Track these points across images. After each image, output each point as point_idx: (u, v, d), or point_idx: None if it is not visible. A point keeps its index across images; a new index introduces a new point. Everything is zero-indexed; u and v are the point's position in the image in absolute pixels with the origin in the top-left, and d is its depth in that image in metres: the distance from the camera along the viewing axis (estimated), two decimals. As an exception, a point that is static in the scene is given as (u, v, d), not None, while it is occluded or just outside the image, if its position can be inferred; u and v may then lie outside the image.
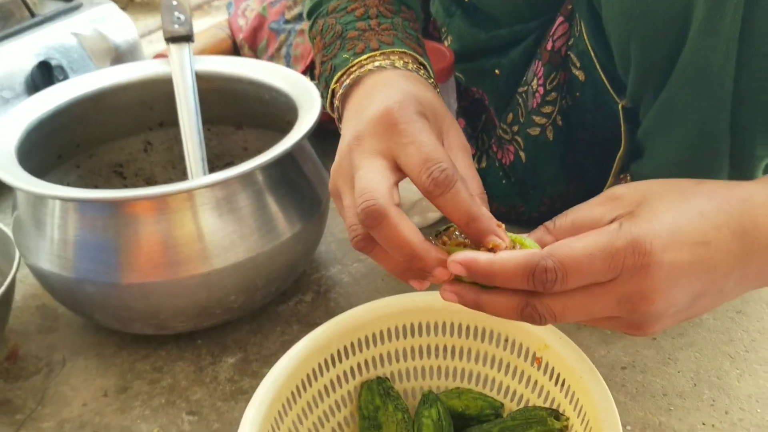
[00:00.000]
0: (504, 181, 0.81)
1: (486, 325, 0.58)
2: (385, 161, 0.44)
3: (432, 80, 0.54)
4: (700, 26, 0.52)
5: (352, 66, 0.53)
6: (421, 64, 0.54)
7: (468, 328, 0.58)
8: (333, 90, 0.54)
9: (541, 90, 0.72)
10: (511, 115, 0.77)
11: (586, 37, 0.65)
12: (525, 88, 0.74)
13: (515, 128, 0.77)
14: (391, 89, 0.48)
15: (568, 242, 0.39)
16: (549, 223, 0.44)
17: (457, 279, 0.43)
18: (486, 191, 0.84)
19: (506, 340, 0.58)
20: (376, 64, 0.52)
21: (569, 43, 0.69)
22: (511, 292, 0.40)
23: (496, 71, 0.76)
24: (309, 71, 0.91)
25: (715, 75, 0.53)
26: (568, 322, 0.41)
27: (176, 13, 0.75)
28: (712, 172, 0.60)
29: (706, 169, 0.60)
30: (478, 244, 0.42)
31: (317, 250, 0.79)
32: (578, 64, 0.68)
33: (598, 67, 0.66)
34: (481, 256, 0.40)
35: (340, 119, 0.54)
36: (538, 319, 0.40)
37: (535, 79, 0.72)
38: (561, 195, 0.78)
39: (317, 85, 0.61)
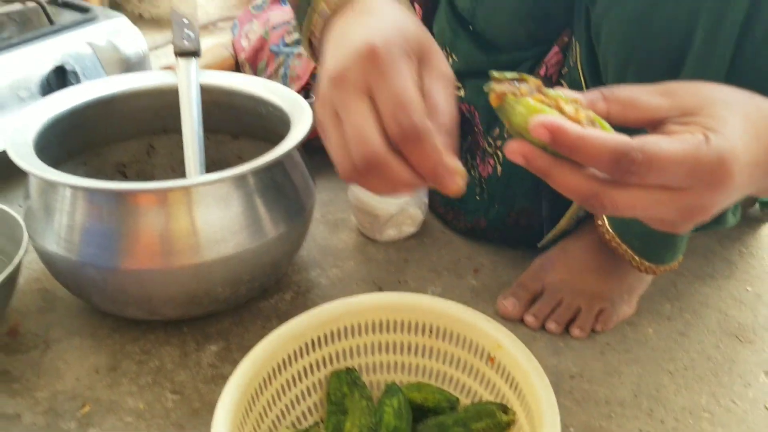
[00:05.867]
0: (478, 197, 0.87)
1: (446, 326, 0.64)
2: (367, 102, 0.44)
3: (412, 9, 0.57)
4: (694, 56, 0.57)
5: None
6: None
7: (431, 327, 0.64)
8: (319, 10, 0.55)
9: None
10: (497, 130, 0.83)
11: (580, 67, 0.72)
12: None
13: (499, 142, 0.83)
14: (376, 20, 0.49)
15: (657, 141, 0.39)
16: (606, 91, 0.44)
17: (527, 140, 0.42)
18: (459, 206, 0.90)
19: (464, 340, 0.64)
20: None
21: (562, 72, 0.76)
22: (586, 175, 0.41)
23: None
24: (304, 90, 0.98)
25: None
26: (626, 216, 0.42)
27: (186, 30, 0.82)
28: None
29: None
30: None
31: (299, 254, 0.85)
32: None
33: None
34: (570, 126, 0.39)
35: (317, 51, 0.54)
36: (599, 208, 0.41)
37: None
38: (527, 210, 0.85)
39: (297, 19, 0.61)
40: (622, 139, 0.39)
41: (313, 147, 0.78)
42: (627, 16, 0.60)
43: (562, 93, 0.43)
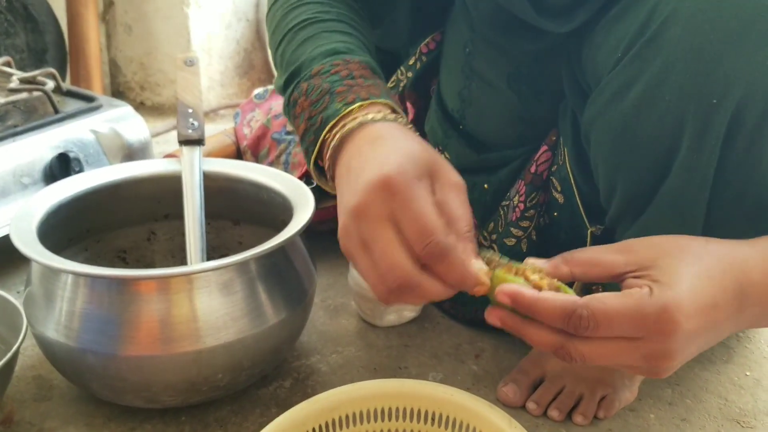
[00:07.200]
0: None
1: (450, 413, 0.63)
2: (391, 229, 0.50)
3: (411, 125, 0.61)
4: (681, 162, 0.57)
5: (344, 116, 0.58)
6: (399, 112, 0.61)
7: (433, 415, 0.63)
8: (324, 140, 0.60)
9: (522, 206, 0.80)
10: (492, 225, 0.85)
11: (569, 165, 0.74)
12: (507, 202, 0.82)
13: (494, 236, 0.85)
14: (385, 149, 0.53)
15: (602, 297, 0.46)
16: (567, 254, 0.50)
17: (500, 305, 0.51)
18: (455, 298, 0.91)
19: (467, 428, 0.63)
20: (369, 116, 0.57)
21: (552, 169, 0.78)
22: (551, 329, 0.47)
23: (485, 185, 0.85)
24: (305, 176, 1.00)
25: (688, 205, 0.58)
26: (597, 364, 0.47)
27: (191, 120, 0.84)
28: None
29: None
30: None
31: (299, 340, 0.85)
32: (559, 188, 0.77)
33: (576, 194, 0.74)
34: (526, 292, 0.47)
35: (332, 174, 0.60)
36: (569, 359, 0.47)
37: (517, 195, 0.80)
38: None
39: (302, 144, 0.65)
40: (570, 299, 0.46)
41: (313, 231, 0.79)
42: (614, 125, 0.61)
43: (531, 263, 0.51)
